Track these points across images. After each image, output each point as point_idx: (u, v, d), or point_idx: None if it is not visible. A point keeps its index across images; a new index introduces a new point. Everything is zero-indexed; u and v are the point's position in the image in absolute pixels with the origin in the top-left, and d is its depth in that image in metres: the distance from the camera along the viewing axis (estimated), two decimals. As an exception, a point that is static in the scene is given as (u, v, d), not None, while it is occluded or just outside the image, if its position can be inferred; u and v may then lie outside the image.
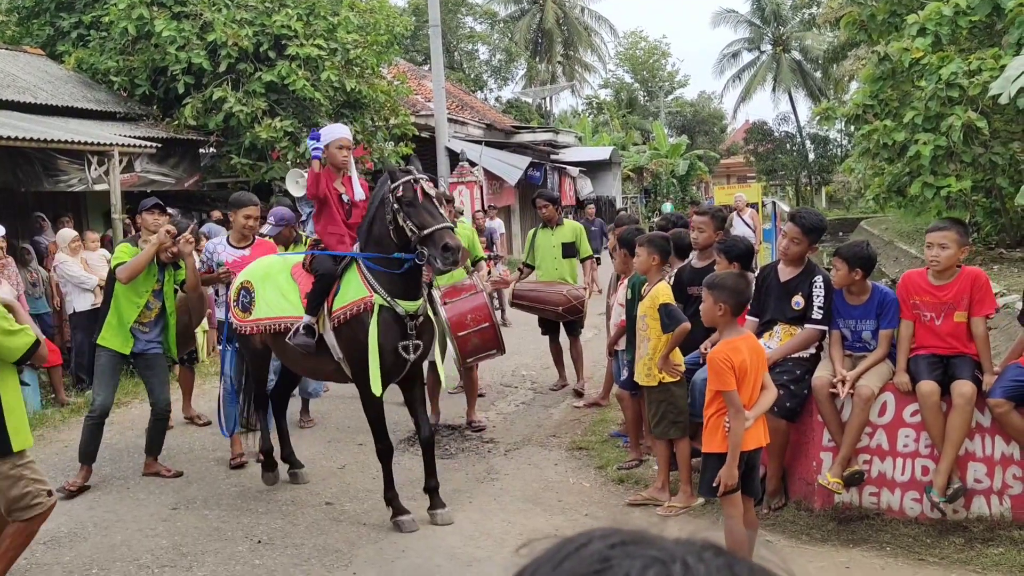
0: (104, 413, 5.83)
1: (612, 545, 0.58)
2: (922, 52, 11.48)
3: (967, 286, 4.49)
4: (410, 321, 4.92)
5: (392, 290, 4.85)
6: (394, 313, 4.87)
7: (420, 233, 4.66)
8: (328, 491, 5.63)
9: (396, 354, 4.89)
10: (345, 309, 4.92)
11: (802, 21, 48.39)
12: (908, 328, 4.67)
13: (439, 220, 4.72)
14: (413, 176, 4.78)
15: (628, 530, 0.60)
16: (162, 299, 5.94)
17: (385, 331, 4.83)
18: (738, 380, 3.73)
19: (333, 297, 5.02)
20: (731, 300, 3.84)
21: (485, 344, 6.50)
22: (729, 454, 3.73)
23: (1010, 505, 4.49)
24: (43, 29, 14.75)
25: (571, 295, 7.59)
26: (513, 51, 40.88)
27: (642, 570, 0.55)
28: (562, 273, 7.84)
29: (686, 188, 39.75)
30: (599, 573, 0.56)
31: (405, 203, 4.72)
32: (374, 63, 14.59)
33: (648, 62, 55.62)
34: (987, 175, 12.04)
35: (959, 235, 4.50)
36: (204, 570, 4.46)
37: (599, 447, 6.21)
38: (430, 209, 4.74)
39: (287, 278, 5.37)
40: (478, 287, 6.63)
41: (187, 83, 13.02)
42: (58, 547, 4.81)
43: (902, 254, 19.06)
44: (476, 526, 4.90)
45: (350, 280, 5.00)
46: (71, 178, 10.29)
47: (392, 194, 4.76)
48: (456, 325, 6.33)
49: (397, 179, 4.80)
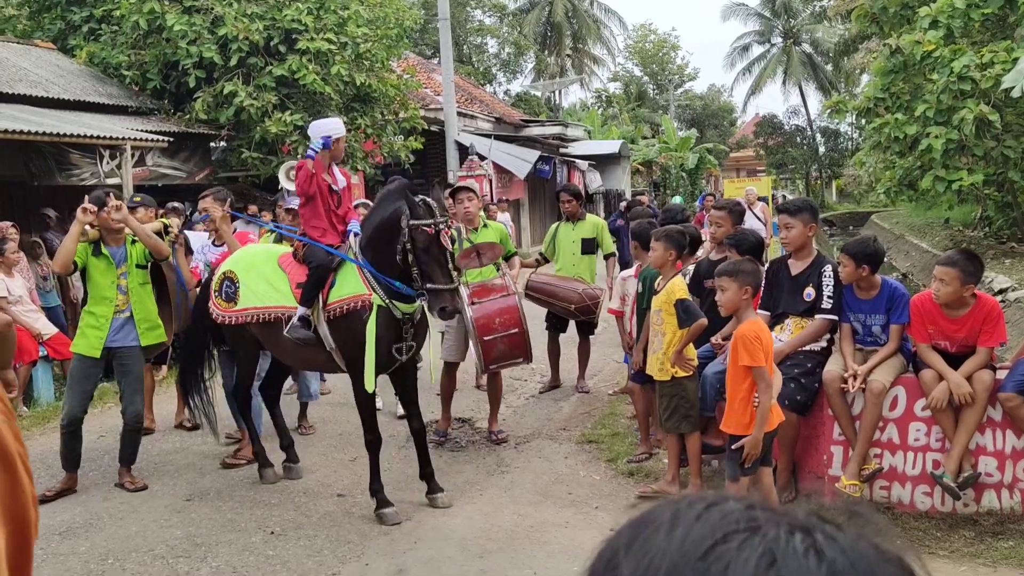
0: (73, 422, 5.47)
1: (750, 507, 0.59)
2: (934, 45, 11.42)
3: (979, 321, 4.45)
4: (407, 323, 4.94)
5: (390, 292, 4.87)
6: (391, 315, 4.87)
7: (424, 284, 4.71)
8: (340, 483, 5.67)
9: (389, 354, 4.93)
10: (343, 303, 4.91)
11: (813, 14, 48.13)
12: (928, 351, 4.57)
13: (446, 279, 4.70)
14: (435, 222, 4.70)
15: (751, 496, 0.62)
16: (127, 292, 5.58)
17: (383, 331, 4.85)
18: (764, 357, 3.80)
19: (328, 289, 5.00)
20: (753, 283, 4.05)
21: (512, 351, 6.15)
22: (756, 425, 3.81)
23: (1020, 499, 4.49)
24: (54, 23, 14.81)
25: (587, 294, 7.40)
26: (522, 44, 40.78)
27: (790, 534, 0.56)
28: (579, 270, 7.68)
29: (695, 182, 39.66)
30: (750, 532, 0.56)
31: (419, 248, 4.68)
32: (384, 57, 14.60)
33: (658, 55, 55.45)
34: (999, 169, 11.98)
35: (962, 273, 4.39)
36: (218, 560, 4.50)
37: (609, 440, 6.23)
38: (441, 263, 4.71)
39: (274, 268, 5.32)
40: (510, 288, 6.27)
41: (198, 77, 13.06)
42: (74, 537, 4.87)
43: (913, 248, 18.99)
44: (487, 518, 4.93)
45: (347, 274, 4.99)
46: (83, 172, 10.34)
47: (409, 229, 4.69)
48: (483, 328, 6.01)
49: (418, 216, 4.70)
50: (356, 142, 14.22)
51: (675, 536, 0.58)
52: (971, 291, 4.46)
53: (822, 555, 0.55)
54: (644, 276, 5.74)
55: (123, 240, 5.61)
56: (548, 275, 7.73)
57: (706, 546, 0.56)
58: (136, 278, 5.65)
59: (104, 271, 5.54)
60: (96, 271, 5.54)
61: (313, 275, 5.03)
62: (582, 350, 7.92)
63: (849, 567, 0.55)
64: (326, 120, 5.60)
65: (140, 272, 5.68)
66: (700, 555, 0.56)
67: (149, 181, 11.64)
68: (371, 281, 4.88)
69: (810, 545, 0.56)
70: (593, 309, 7.44)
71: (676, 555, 0.56)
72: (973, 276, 4.45)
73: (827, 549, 0.56)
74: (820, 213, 5.97)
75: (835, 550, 0.56)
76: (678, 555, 0.56)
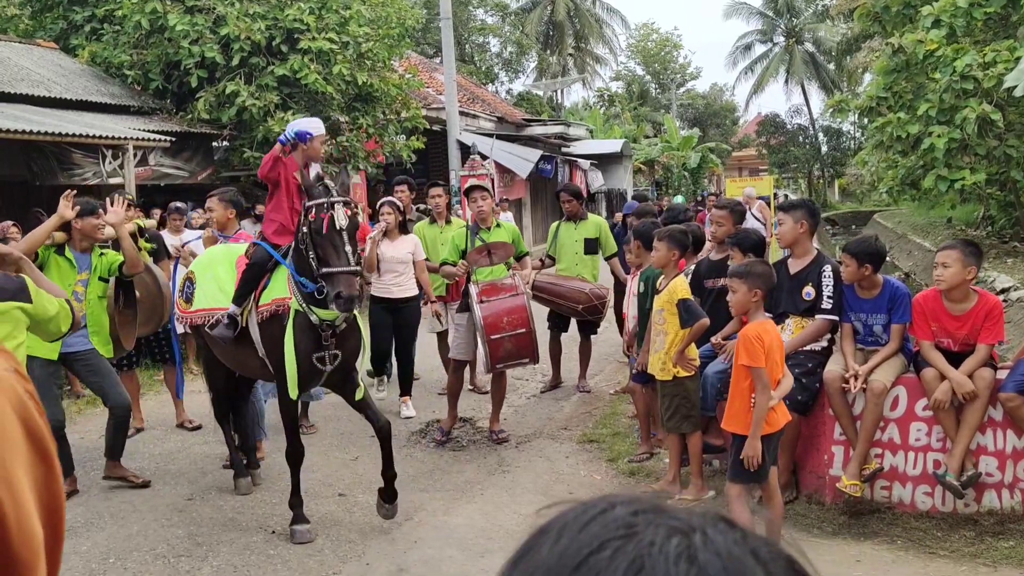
0: (57, 427, 5.21)
1: (635, 512, 0.58)
2: (936, 44, 11.41)
3: (981, 318, 4.46)
4: (326, 331, 4.59)
5: (308, 296, 4.54)
6: (308, 320, 4.57)
7: (319, 270, 4.35)
8: (341, 482, 5.67)
9: (311, 364, 4.62)
10: (269, 306, 4.72)
11: (815, 13, 48.12)
12: (930, 349, 4.58)
13: (342, 261, 4.31)
14: (327, 201, 4.37)
15: (646, 498, 0.60)
16: (83, 300, 5.43)
17: (299, 338, 4.57)
18: (765, 359, 3.79)
19: (261, 290, 4.81)
20: (764, 286, 4.03)
21: (519, 351, 6.06)
22: (752, 427, 3.80)
23: (1021, 499, 4.49)
24: (56, 23, 14.84)
25: (594, 294, 7.32)
26: (524, 44, 40.79)
27: (666, 539, 0.55)
28: (582, 270, 7.62)
29: (698, 181, 39.64)
30: (625, 539, 0.56)
31: (314, 230, 4.36)
32: (386, 56, 14.61)
33: (660, 54, 55.43)
34: (1001, 168, 11.96)
35: (962, 255, 4.42)
36: (219, 560, 4.51)
37: (610, 440, 6.23)
38: (336, 244, 4.34)
39: (228, 268, 5.13)
40: (519, 288, 6.20)
41: (200, 77, 13.08)
42: (75, 537, 4.87)
43: (916, 247, 18.97)
44: (487, 518, 4.94)
45: (279, 277, 4.77)
46: (86, 172, 10.36)
47: (303, 215, 4.43)
48: (490, 327, 5.94)
49: (313, 196, 4.43)
50: (358, 142, 14.23)
51: (557, 547, 0.57)
52: (972, 274, 4.49)
53: (694, 559, 0.54)
54: (645, 276, 5.73)
55: (91, 248, 5.51)
56: (552, 275, 7.68)
57: (582, 556, 0.56)
58: (95, 289, 5.54)
59: (64, 273, 5.39)
60: (55, 271, 5.36)
61: (247, 273, 4.85)
62: (583, 350, 7.87)
63: (721, 571, 0.54)
64: (306, 119, 5.42)
65: (100, 285, 5.58)
66: (574, 566, 0.55)
67: (151, 181, 11.66)
68: (293, 285, 4.63)
69: (684, 549, 0.55)
70: (600, 309, 7.37)
71: (555, 567, 0.56)
72: (973, 257, 4.48)
73: (701, 552, 0.55)
74: (821, 212, 5.99)
75: (709, 553, 0.55)
76: (556, 567, 0.56)
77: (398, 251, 7.02)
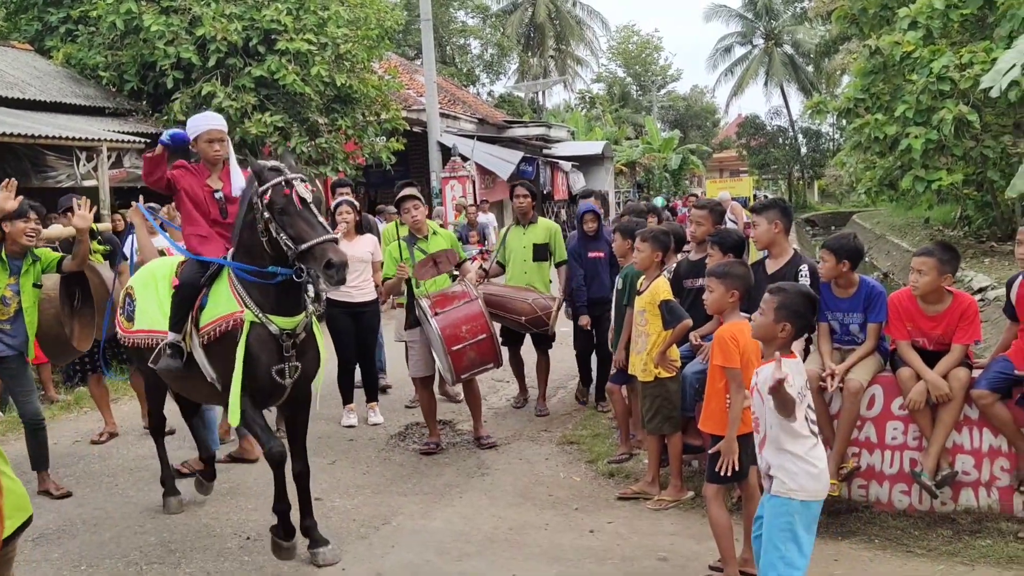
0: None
1: None
2: (913, 46, 11.50)
3: (956, 318, 4.48)
4: (287, 341, 4.28)
5: (265, 305, 4.23)
6: (267, 331, 4.24)
7: (297, 248, 4.03)
8: (318, 487, 5.58)
9: (271, 378, 4.28)
10: (214, 325, 4.30)
11: (794, 15, 48.50)
12: (907, 349, 4.58)
13: (319, 232, 4.04)
14: (284, 177, 4.12)
15: None
16: (10, 304, 5.31)
17: (257, 352, 4.22)
18: (740, 361, 3.77)
19: (199, 310, 4.42)
20: (742, 287, 3.97)
21: (482, 357, 5.88)
22: (728, 427, 3.78)
23: (998, 497, 4.50)
24: (31, 24, 14.66)
25: (537, 304, 6.72)
26: (505, 45, 40.80)
27: None
28: (531, 278, 7.00)
29: (679, 182, 39.82)
30: None
31: (277, 211, 4.07)
32: (365, 58, 14.54)
33: (640, 56, 55.68)
34: (978, 169, 12.07)
35: (938, 263, 4.42)
36: (193, 567, 4.44)
37: (590, 441, 6.21)
38: (308, 218, 4.07)
39: (168, 286, 4.71)
40: (471, 294, 5.98)
41: (176, 78, 12.96)
42: (46, 544, 4.79)
43: (894, 247, 19.11)
44: (466, 521, 4.90)
45: (219, 291, 4.37)
46: (59, 174, 10.23)
47: (260, 199, 4.12)
48: (450, 339, 5.74)
49: (265, 180, 4.14)
50: (337, 143, 14.15)
51: None
52: (948, 281, 4.50)
53: None
54: (625, 275, 5.72)
55: (23, 253, 5.38)
56: (500, 286, 7.08)
57: None
58: (28, 296, 5.42)
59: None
60: None
61: (177, 294, 4.48)
62: (540, 367, 7.23)
63: None
64: (202, 114, 4.98)
65: (34, 291, 5.47)
66: None
67: (126, 183, 11.52)
68: (242, 295, 4.27)
69: None
70: (545, 321, 6.73)
71: None
72: (949, 265, 4.48)
73: None
74: (795, 212, 5.99)
75: None
76: None
77: (357, 250, 6.85)
